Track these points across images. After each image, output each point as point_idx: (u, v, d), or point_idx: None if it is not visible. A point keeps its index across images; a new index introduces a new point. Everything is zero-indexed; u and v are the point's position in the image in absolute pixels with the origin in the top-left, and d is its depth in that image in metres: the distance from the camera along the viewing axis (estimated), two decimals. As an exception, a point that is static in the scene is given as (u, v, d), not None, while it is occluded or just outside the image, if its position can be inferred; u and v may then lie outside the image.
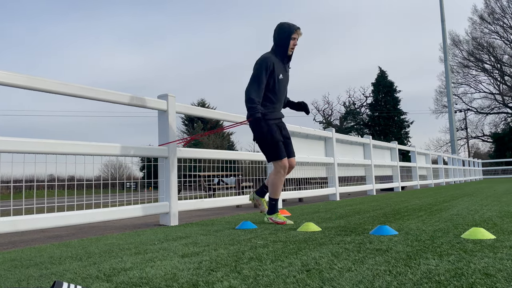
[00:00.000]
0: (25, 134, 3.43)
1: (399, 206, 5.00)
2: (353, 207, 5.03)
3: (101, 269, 1.82)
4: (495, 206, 4.42)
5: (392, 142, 10.84)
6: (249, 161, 6.25)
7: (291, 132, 6.45)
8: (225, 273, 1.66)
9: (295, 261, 1.86)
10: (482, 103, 40.49)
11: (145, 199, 4.25)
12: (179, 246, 2.43)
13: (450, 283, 1.40)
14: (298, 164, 6.59)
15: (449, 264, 1.69)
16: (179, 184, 10.89)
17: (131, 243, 2.62)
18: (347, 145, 8.46)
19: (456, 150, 23.69)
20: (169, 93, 4.09)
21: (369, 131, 36.15)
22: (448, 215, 3.64)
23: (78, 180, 3.51)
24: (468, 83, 39.36)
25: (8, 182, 3.09)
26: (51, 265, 1.97)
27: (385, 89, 36.03)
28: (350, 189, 7.90)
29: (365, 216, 3.83)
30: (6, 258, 2.26)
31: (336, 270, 1.65)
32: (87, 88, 3.36)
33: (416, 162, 12.45)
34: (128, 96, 3.69)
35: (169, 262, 1.92)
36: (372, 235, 2.58)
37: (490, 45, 36.81)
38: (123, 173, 38.65)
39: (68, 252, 2.36)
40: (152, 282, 1.55)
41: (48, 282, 1.63)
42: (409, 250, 2.02)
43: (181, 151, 4.18)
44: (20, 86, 2.90)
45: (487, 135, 39.73)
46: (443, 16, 24.39)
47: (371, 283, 1.43)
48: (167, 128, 4.03)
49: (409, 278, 1.49)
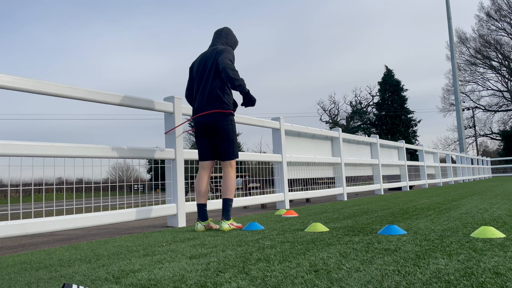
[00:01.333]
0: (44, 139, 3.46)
1: (407, 205, 4.97)
2: (360, 207, 5.01)
3: (110, 271, 1.83)
4: (505, 205, 4.37)
5: (399, 141, 10.78)
6: (255, 162, 6.25)
7: (298, 132, 6.45)
8: (233, 274, 1.66)
9: (303, 261, 1.85)
10: (490, 100, 40.15)
11: (153, 201, 4.26)
12: (187, 247, 2.43)
13: (460, 283, 1.39)
14: (305, 164, 6.58)
15: (459, 263, 1.68)
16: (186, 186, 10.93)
17: (139, 245, 2.64)
18: (354, 144, 8.43)
19: (465, 148, 23.51)
20: (175, 95, 4.11)
21: (376, 130, 35.99)
22: (457, 214, 3.61)
23: (86, 183, 3.54)
24: (475, 81, 39.08)
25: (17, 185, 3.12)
26: (60, 268, 1.99)
27: (392, 88, 35.86)
28: (358, 189, 7.87)
29: (373, 216, 3.82)
30: (16, 261, 2.29)
31: (345, 270, 1.64)
32: (94, 91, 3.38)
33: (424, 161, 12.37)
34: (135, 99, 3.71)
35: (177, 264, 1.92)
36: (380, 235, 2.57)
37: (498, 42, 36.50)
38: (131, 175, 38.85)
39: (77, 255, 2.38)
40: (160, 283, 1.56)
41: (58, 284, 1.64)
42: (418, 250, 2.01)
43: (187, 152, 4.20)
44: (28, 91, 2.93)
45: (495, 132, 39.38)
46: (449, 13, 24.24)
47: (379, 283, 1.42)
48: (174, 130, 4.04)
49: (418, 278, 1.48)
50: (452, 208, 4.29)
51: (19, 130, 49.13)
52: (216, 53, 3.38)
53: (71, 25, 66.18)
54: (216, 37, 3.57)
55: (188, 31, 71.68)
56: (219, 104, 3.30)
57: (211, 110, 3.29)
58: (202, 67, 3.42)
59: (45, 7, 65.78)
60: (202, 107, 3.34)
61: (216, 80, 3.33)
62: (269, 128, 5.76)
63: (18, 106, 55.74)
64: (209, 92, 3.33)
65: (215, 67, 3.35)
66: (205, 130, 3.36)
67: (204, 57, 3.46)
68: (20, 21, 64.38)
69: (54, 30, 66.76)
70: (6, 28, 63.53)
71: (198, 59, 3.51)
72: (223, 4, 71.77)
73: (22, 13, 63.91)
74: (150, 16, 70.31)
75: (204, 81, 3.38)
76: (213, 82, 3.33)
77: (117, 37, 70.29)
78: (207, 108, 3.32)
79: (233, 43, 3.59)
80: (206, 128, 3.34)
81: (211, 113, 3.30)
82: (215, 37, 3.58)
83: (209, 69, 3.37)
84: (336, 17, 69.48)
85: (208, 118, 3.31)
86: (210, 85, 3.33)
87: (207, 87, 3.34)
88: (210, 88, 3.33)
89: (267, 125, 5.55)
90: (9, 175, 2.82)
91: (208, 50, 3.49)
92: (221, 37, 3.55)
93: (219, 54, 3.34)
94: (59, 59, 67.70)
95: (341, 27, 68.66)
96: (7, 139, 2.77)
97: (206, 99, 3.33)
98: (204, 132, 3.38)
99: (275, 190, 5.81)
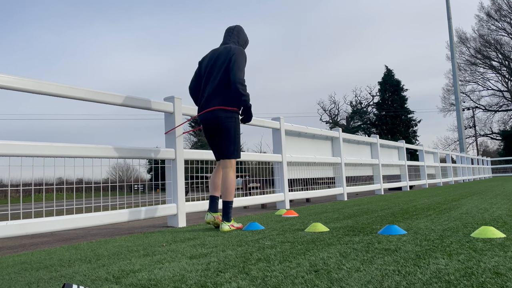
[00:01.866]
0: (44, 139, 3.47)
1: (407, 205, 4.97)
2: (361, 207, 5.01)
3: (110, 271, 1.83)
4: (505, 205, 4.37)
5: (399, 141, 10.78)
6: (256, 162, 6.26)
7: (298, 132, 6.45)
8: (233, 274, 1.66)
9: (303, 261, 1.85)
10: (490, 100, 40.13)
11: (153, 201, 4.27)
12: (187, 247, 2.43)
13: (460, 283, 1.39)
14: (305, 164, 6.58)
15: (459, 263, 1.68)
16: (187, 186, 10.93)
17: (139, 245, 2.64)
18: (354, 144, 8.43)
19: (465, 148, 23.51)
20: (175, 95, 4.11)
21: (376, 130, 35.98)
22: (457, 214, 3.61)
23: (86, 183, 3.54)
24: (475, 81, 39.07)
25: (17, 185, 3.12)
26: (60, 268, 1.99)
27: (392, 88, 35.85)
28: (358, 189, 7.87)
29: (373, 216, 3.82)
30: (16, 261, 2.29)
31: (345, 270, 1.64)
32: (94, 91, 3.38)
33: (424, 161, 12.37)
34: (135, 99, 3.71)
35: (177, 264, 1.92)
36: (380, 235, 2.56)
37: (498, 42, 36.50)
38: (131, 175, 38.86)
39: (78, 255, 2.38)
40: (160, 283, 1.56)
41: (58, 284, 1.64)
42: (418, 250, 2.01)
43: (187, 152, 4.20)
44: (28, 91, 2.93)
45: (495, 132, 39.38)
46: (450, 13, 24.24)
47: (380, 283, 1.42)
48: (174, 130, 4.04)
49: (419, 278, 1.48)
50: (452, 208, 4.29)
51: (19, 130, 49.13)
52: (228, 53, 3.35)
53: (71, 25, 66.21)
54: (228, 35, 3.55)
55: (188, 30, 71.69)
56: (223, 101, 3.28)
57: (214, 107, 3.28)
58: (212, 65, 3.40)
59: (45, 7, 65.81)
60: (206, 104, 3.34)
61: (224, 80, 3.31)
62: (269, 128, 5.76)
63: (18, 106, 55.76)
64: (215, 89, 3.31)
65: (225, 66, 3.31)
66: (209, 128, 3.34)
67: (214, 54, 3.43)
68: (20, 21, 64.43)
69: (54, 30, 66.80)
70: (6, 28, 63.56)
71: (209, 55, 3.48)
72: (223, 3, 71.78)
73: (22, 14, 63.95)
74: (150, 16, 70.33)
75: (212, 78, 3.36)
76: (220, 81, 3.31)
77: (117, 37, 70.32)
78: (210, 105, 3.31)
79: (244, 42, 3.58)
80: (211, 126, 3.32)
81: (214, 109, 3.28)
82: (227, 35, 3.55)
83: (218, 68, 3.35)
84: (336, 17, 69.50)
85: (212, 115, 3.29)
86: (217, 83, 3.32)
87: (213, 85, 3.33)
88: (217, 86, 3.31)
89: (267, 125, 5.55)
90: (9, 175, 2.82)
91: (220, 47, 3.47)
92: (233, 35, 3.53)
93: (233, 60, 3.28)
94: (60, 59, 67.73)
95: (341, 27, 68.68)
96: (7, 139, 2.77)
97: (211, 96, 3.32)
98: (209, 130, 3.36)
99: (275, 190, 5.81)
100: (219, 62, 3.36)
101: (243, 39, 3.57)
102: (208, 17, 70.70)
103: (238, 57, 3.30)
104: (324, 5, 69.17)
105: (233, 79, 3.23)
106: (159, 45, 71.82)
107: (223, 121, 3.27)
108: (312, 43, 66.21)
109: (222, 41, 3.58)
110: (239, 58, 3.30)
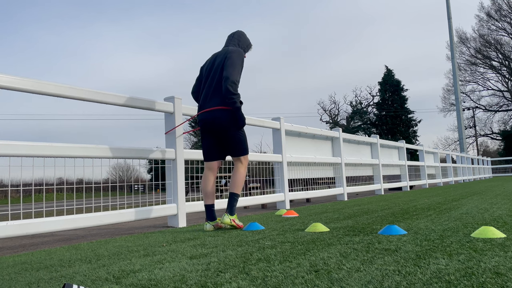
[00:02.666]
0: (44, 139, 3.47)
1: (407, 205, 4.97)
2: (361, 207, 5.01)
3: (110, 271, 1.83)
4: (505, 205, 4.37)
5: (399, 141, 10.78)
6: (256, 162, 6.26)
7: (298, 132, 6.45)
8: (234, 274, 1.66)
9: (303, 261, 1.85)
10: (491, 100, 40.12)
11: (153, 201, 4.27)
12: (187, 247, 2.43)
13: (460, 283, 1.39)
14: (305, 164, 6.58)
15: (459, 263, 1.68)
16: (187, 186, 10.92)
17: (139, 245, 2.64)
18: (355, 144, 8.43)
19: (465, 148, 23.52)
20: (175, 95, 4.11)
21: (376, 130, 35.98)
22: (457, 214, 3.61)
23: (86, 183, 3.54)
24: (476, 81, 39.08)
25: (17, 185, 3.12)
26: (61, 268, 1.99)
27: (392, 88, 35.84)
28: (358, 189, 7.87)
29: (373, 216, 3.82)
30: (16, 261, 2.29)
31: (345, 270, 1.64)
32: (94, 91, 3.39)
33: (424, 161, 12.36)
34: (135, 99, 3.71)
35: (178, 264, 1.92)
36: (380, 235, 2.56)
37: (498, 42, 36.51)
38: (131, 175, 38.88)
39: (78, 255, 2.38)
40: (161, 284, 1.56)
41: (58, 284, 1.64)
42: (418, 250, 2.01)
43: (188, 153, 4.20)
44: (28, 91, 2.93)
45: (496, 132, 39.39)
46: (450, 13, 24.24)
47: (380, 283, 1.42)
48: (174, 130, 4.04)
49: (419, 278, 1.48)
50: (452, 208, 4.29)
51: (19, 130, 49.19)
52: (225, 53, 3.39)
53: (72, 26, 66.24)
54: (229, 40, 3.60)
55: (188, 30, 71.72)
56: (221, 101, 3.28)
57: (214, 107, 3.28)
58: (211, 66, 3.45)
59: (45, 8, 65.84)
60: (205, 103, 3.35)
61: (221, 80, 3.33)
62: (269, 128, 5.76)
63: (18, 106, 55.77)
64: (213, 90, 3.33)
65: (221, 66, 3.35)
66: (209, 128, 3.33)
67: (214, 57, 3.49)
68: (21, 22, 64.46)
69: (55, 31, 66.82)
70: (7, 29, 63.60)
71: (210, 58, 3.54)
72: (223, 4, 71.80)
73: (22, 14, 63.98)
74: (151, 16, 70.35)
75: (210, 78, 3.39)
76: (218, 81, 3.33)
77: (117, 38, 70.34)
78: (209, 104, 3.31)
79: (246, 46, 3.61)
80: (210, 125, 3.31)
81: (214, 109, 3.29)
82: (228, 40, 3.61)
83: (216, 67, 3.38)
84: (336, 17, 69.50)
85: (212, 115, 3.29)
86: (215, 83, 3.33)
87: (212, 84, 3.35)
88: (215, 86, 3.33)
89: (267, 125, 5.55)
90: (10, 175, 2.82)
91: (220, 51, 3.52)
92: (234, 39, 3.58)
93: (228, 58, 3.33)
94: (60, 60, 67.75)
95: (341, 27, 68.68)
96: (7, 139, 2.77)
97: (210, 95, 3.34)
98: (208, 130, 3.35)
99: (275, 190, 5.81)
100: (216, 63, 3.41)
101: (244, 43, 3.59)
102: (208, 18, 70.72)
103: (234, 55, 3.34)
104: (324, 5, 69.18)
105: (225, 75, 3.25)
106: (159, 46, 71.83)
107: (228, 123, 3.28)
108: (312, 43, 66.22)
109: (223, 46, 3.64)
110: (235, 56, 3.34)
